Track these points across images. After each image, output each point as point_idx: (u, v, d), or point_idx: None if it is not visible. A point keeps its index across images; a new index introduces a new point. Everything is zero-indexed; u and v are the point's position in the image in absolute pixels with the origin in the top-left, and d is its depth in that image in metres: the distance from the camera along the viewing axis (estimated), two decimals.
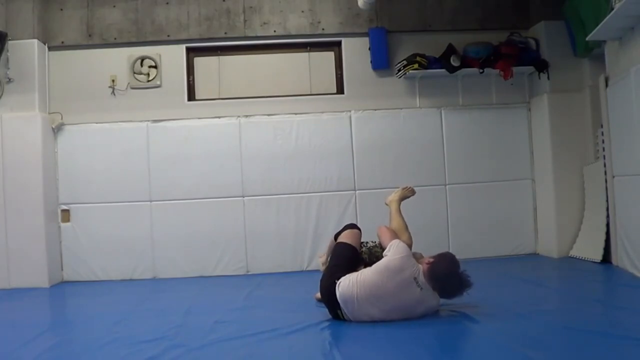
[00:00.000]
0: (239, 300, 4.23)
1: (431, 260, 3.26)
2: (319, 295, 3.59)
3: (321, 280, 3.47)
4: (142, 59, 5.65)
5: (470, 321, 3.22)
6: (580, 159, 5.51)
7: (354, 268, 3.42)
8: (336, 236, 3.71)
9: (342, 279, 3.28)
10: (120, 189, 5.49)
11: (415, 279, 3.19)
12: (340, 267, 3.40)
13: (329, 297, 3.32)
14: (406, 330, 3.07)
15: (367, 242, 3.72)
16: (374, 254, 3.58)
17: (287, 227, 5.57)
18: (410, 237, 3.57)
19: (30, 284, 5.08)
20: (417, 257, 3.57)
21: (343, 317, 3.29)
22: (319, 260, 4.11)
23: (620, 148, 4.69)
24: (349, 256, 3.51)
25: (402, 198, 3.87)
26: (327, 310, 3.41)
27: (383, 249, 3.44)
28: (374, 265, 3.31)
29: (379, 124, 5.69)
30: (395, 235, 3.48)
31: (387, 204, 3.89)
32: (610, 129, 4.85)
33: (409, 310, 3.23)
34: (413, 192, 3.95)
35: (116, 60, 5.62)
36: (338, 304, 3.26)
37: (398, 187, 3.99)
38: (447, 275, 3.21)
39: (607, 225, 4.95)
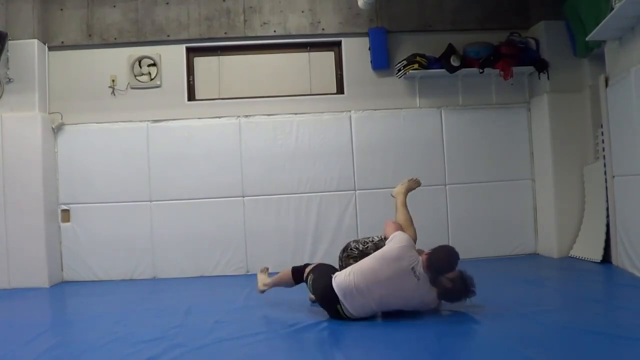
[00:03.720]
0: (239, 300, 4.22)
1: (430, 251, 3.31)
2: (312, 296, 3.67)
3: (315, 281, 3.45)
4: (142, 59, 5.65)
5: (470, 321, 3.22)
6: (580, 159, 5.51)
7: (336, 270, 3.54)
8: (295, 270, 3.69)
9: (338, 273, 3.38)
10: (120, 189, 5.49)
11: (413, 268, 3.22)
12: (330, 268, 3.53)
13: (326, 293, 3.32)
14: (406, 331, 3.07)
15: (373, 238, 3.76)
16: (380, 248, 3.58)
17: (287, 227, 5.57)
18: (415, 232, 3.57)
19: (30, 284, 5.08)
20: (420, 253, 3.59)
21: (343, 312, 3.28)
22: (261, 279, 3.96)
23: (620, 148, 4.69)
24: (329, 265, 3.62)
25: (409, 190, 3.86)
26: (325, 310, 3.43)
27: None
28: (372, 255, 3.37)
29: (379, 124, 5.69)
30: (399, 228, 3.50)
31: (393, 196, 3.88)
32: (610, 129, 4.85)
33: (405, 299, 3.26)
34: (419, 184, 3.95)
35: (116, 60, 5.62)
36: (337, 298, 3.26)
37: (403, 181, 3.94)
38: (445, 265, 3.24)
39: (607, 225, 4.95)
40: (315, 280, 3.46)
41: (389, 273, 3.22)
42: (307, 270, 3.59)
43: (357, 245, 3.75)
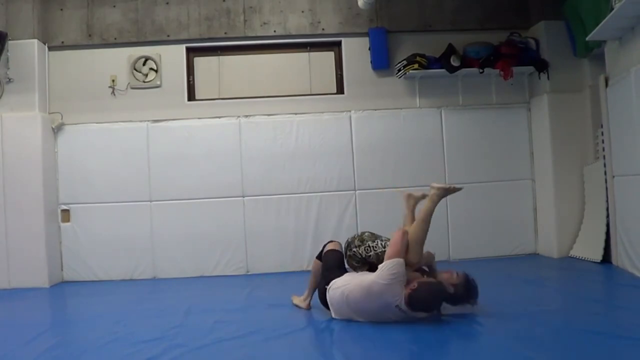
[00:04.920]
0: (239, 300, 4.23)
1: (414, 286, 3.13)
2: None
3: (318, 284, 3.62)
4: (142, 59, 5.65)
5: (470, 321, 3.22)
6: (580, 159, 5.51)
7: (343, 266, 3.57)
8: (319, 256, 3.73)
9: (333, 282, 3.39)
10: (120, 189, 5.49)
11: (397, 306, 3.16)
12: (331, 271, 3.51)
13: (321, 295, 3.51)
14: (406, 331, 3.07)
15: (377, 244, 3.58)
16: (382, 261, 3.54)
17: (287, 227, 5.57)
18: (419, 254, 3.38)
19: (30, 284, 5.08)
20: (426, 256, 3.55)
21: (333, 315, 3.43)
22: (298, 300, 3.95)
23: (620, 148, 4.69)
24: (336, 258, 3.60)
25: (444, 195, 3.51)
26: (325, 310, 3.53)
27: None
28: (361, 279, 3.29)
29: (379, 124, 5.69)
30: (401, 251, 3.25)
31: (430, 190, 3.55)
32: (610, 129, 4.85)
33: (394, 321, 3.24)
34: (456, 190, 3.58)
35: (116, 60, 5.62)
36: (327, 304, 3.42)
37: (445, 185, 3.64)
38: (426, 306, 3.18)
39: (607, 225, 4.95)
40: (319, 284, 3.61)
41: (373, 307, 3.21)
42: (325, 251, 3.66)
43: (359, 252, 3.58)
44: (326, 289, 3.41)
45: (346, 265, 3.64)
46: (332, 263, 3.56)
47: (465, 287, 3.22)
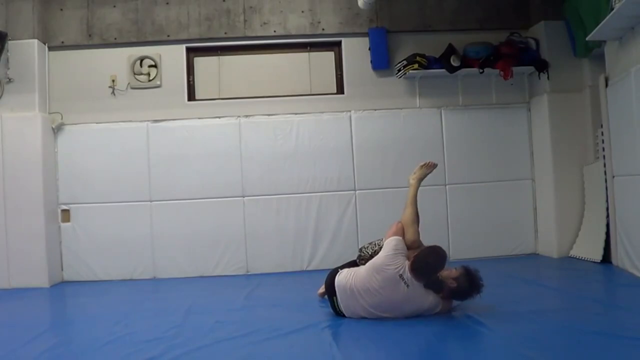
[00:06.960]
0: (239, 300, 4.23)
1: (417, 254, 3.29)
2: (321, 290, 3.92)
3: (331, 271, 3.69)
4: (142, 59, 5.65)
5: (470, 321, 3.22)
6: (580, 159, 5.52)
7: (355, 265, 3.73)
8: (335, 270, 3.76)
9: (345, 269, 3.51)
10: (120, 189, 5.49)
11: (400, 276, 3.23)
12: (345, 265, 3.75)
13: (329, 283, 3.51)
14: (406, 331, 3.07)
15: (380, 242, 3.71)
16: None
17: (287, 227, 5.57)
18: (415, 232, 3.51)
19: (30, 284, 5.08)
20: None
21: (338, 306, 3.41)
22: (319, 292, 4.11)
23: (620, 148, 4.69)
24: (350, 261, 3.97)
25: (421, 178, 3.79)
26: (327, 309, 3.54)
27: None
28: (368, 263, 3.46)
29: (379, 124, 5.69)
30: (399, 232, 3.47)
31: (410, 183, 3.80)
32: (610, 129, 4.85)
33: (397, 308, 3.27)
34: (434, 167, 3.86)
35: (116, 60, 5.62)
36: (335, 290, 3.41)
37: (416, 169, 3.86)
38: (429, 267, 3.22)
39: (607, 225, 4.95)
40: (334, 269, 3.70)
41: (377, 283, 3.26)
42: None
43: (367, 250, 3.79)
44: (337, 271, 3.51)
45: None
46: (347, 262, 3.95)
47: (467, 278, 3.23)
